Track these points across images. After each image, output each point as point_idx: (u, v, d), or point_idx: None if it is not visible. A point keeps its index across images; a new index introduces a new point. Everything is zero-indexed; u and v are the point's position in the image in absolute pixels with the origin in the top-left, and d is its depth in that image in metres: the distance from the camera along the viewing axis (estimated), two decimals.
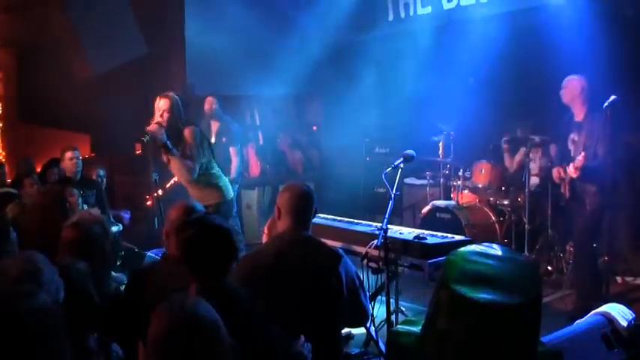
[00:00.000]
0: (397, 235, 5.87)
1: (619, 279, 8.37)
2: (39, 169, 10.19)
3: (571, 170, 7.32)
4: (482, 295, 1.94)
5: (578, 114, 7.42)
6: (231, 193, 7.55)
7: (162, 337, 2.52)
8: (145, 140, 6.98)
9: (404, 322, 2.30)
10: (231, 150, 9.84)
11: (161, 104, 7.12)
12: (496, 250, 2.15)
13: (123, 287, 5.23)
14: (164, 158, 7.25)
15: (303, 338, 3.87)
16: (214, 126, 10.11)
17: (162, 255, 4.70)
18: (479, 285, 1.97)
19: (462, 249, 2.14)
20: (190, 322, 2.54)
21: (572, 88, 7.38)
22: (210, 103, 10.08)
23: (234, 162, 9.82)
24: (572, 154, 7.48)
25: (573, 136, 7.47)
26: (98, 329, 3.60)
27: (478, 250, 2.13)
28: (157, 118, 7.08)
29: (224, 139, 9.92)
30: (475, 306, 1.93)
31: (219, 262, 3.59)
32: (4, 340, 2.30)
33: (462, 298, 1.95)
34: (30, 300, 2.43)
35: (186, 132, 7.15)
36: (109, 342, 3.62)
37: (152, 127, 6.96)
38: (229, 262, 3.64)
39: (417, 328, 2.23)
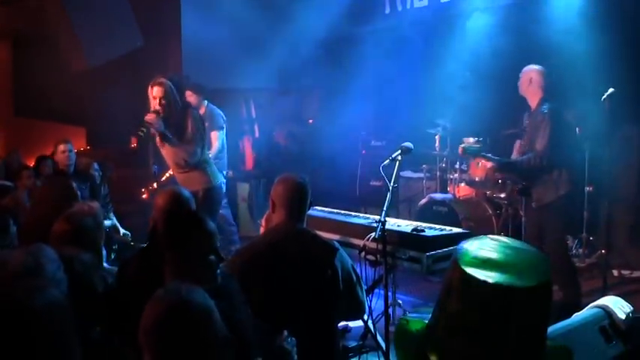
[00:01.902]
0: (395, 228, 5.84)
1: (616, 272, 8.38)
2: (32, 163, 10.16)
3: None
4: (492, 277, 1.95)
5: (532, 104, 7.30)
6: (218, 179, 7.52)
7: (155, 324, 2.51)
8: (142, 134, 6.98)
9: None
10: (212, 134, 9.71)
11: (155, 92, 7.07)
12: (508, 240, 2.16)
13: None
14: (158, 143, 7.25)
15: (285, 333, 3.86)
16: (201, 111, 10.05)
17: (148, 244, 4.67)
18: (489, 268, 1.98)
19: (474, 239, 2.15)
20: (183, 308, 2.53)
21: (530, 79, 7.22)
22: (188, 96, 9.97)
23: (215, 146, 9.68)
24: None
25: (526, 125, 7.44)
26: (102, 322, 3.58)
27: (490, 238, 2.14)
28: (155, 106, 7.06)
29: (207, 124, 9.85)
30: (484, 287, 1.94)
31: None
32: (13, 336, 2.29)
33: (471, 280, 1.96)
34: (41, 295, 2.41)
35: (187, 115, 7.16)
36: (112, 336, 3.60)
37: (149, 116, 6.94)
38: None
39: (426, 316, 2.24)
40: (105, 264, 5.01)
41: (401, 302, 7.06)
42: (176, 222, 3.69)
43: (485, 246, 2.09)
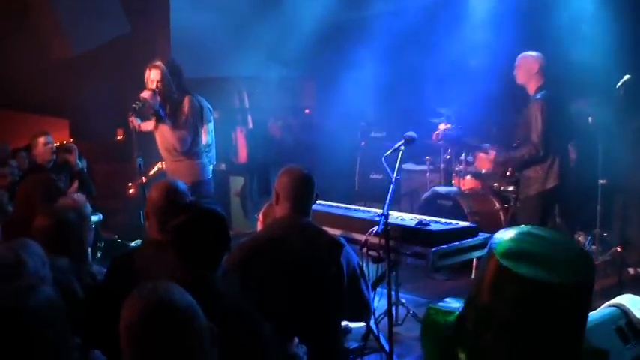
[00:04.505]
0: (399, 222, 5.86)
1: (632, 270, 8.37)
2: None
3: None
4: (528, 271, 1.92)
5: (530, 92, 7.32)
6: (209, 173, 7.58)
7: (136, 324, 2.49)
8: (136, 107, 7.03)
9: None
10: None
11: (153, 75, 7.24)
12: (544, 231, 2.14)
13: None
14: (153, 126, 7.29)
15: (297, 340, 3.84)
16: None
17: (144, 239, 4.66)
18: (525, 261, 1.95)
19: (508, 229, 2.13)
20: (164, 306, 2.52)
21: (529, 67, 7.27)
22: None
23: (204, 140, 9.65)
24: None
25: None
26: (82, 330, 3.55)
27: (526, 230, 2.12)
28: (153, 88, 7.16)
29: None
30: (519, 281, 1.92)
31: (210, 253, 3.56)
32: (7, 338, 2.30)
33: (506, 272, 1.94)
34: (33, 294, 2.41)
35: (185, 101, 7.24)
36: (89, 348, 3.56)
37: (145, 93, 7.04)
38: (221, 253, 3.61)
39: (457, 306, 2.22)
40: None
41: (404, 301, 7.04)
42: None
43: (523, 237, 2.07)
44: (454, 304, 2.27)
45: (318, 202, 6.34)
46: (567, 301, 1.96)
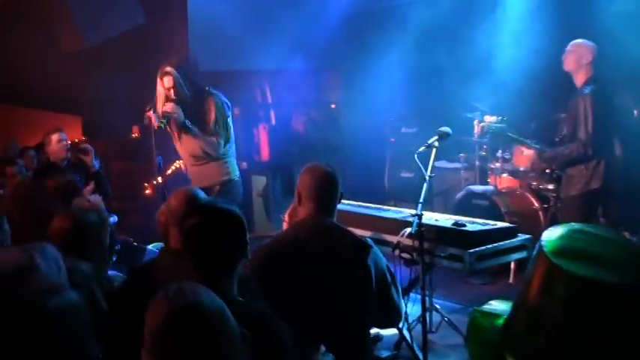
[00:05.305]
0: (433, 222, 5.81)
1: None
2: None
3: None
4: (581, 270, 1.87)
5: (578, 83, 7.24)
6: (237, 172, 7.54)
7: (163, 328, 2.45)
8: (162, 126, 7.01)
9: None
10: None
11: (166, 83, 7.17)
12: (597, 229, 2.08)
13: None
14: (174, 134, 7.27)
15: (323, 348, 3.80)
16: None
17: (162, 248, 4.62)
18: (578, 260, 1.90)
19: (557, 227, 2.08)
20: (193, 308, 2.48)
21: (581, 56, 7.16)
22: None
23: None
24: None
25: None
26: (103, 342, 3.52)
27: (577, 227, 2.07)
28: (170, 96, 7.12)
29: None
30: (572, 281, 1.87)
31: (224, 256, 3.50)
32: (24, 342, 2.25)
33: (558, 271, 1.89)
34: (54, 298, 2.37)
35: (209, 104, 7.21)
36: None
37: (168, 107, 7.01)
38: (236, 257, 3.55)
39: (504, 309, 2.18)
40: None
41: (438, 307, 6.98)
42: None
43: (575, 235, 2.02)
44: (501, 306, 2.22)
45: (345, 202, 6.34)
46: (624, 302, 1.90)
